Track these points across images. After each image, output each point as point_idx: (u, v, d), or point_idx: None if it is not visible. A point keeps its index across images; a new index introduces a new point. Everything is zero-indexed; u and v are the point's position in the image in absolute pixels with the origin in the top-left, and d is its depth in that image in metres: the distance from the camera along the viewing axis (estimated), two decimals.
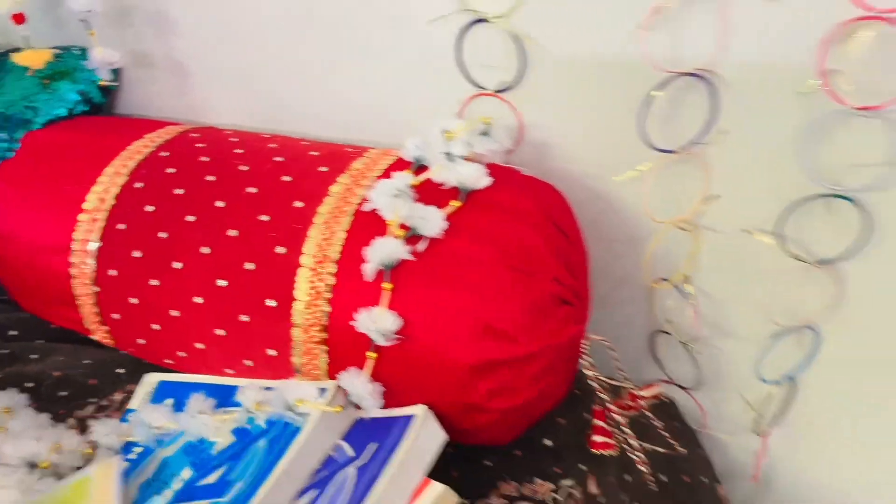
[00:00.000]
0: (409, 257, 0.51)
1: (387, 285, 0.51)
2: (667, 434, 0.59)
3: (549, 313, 0.52)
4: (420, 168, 0.57)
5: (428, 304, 0.51)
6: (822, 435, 0.67)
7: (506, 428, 0.55)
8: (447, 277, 0.51)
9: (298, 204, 0.56)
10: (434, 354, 0.51)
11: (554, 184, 0.61)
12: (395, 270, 0.51)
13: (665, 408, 0.71)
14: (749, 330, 0.63)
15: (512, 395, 0.52)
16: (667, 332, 0.68)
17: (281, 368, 0.56)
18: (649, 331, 0.70)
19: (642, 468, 0.57)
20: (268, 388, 0.55)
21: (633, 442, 0.56)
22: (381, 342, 0.51)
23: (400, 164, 0.58)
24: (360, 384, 0.52)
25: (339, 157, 0.60)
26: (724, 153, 0.57)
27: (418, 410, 0.51)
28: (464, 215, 0.53)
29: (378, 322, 0.50)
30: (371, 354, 0.52)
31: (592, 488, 0.59)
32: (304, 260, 0.54)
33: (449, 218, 0.52)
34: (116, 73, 0.78)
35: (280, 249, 0.55)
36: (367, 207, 0.54)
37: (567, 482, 0.57)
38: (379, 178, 0.57)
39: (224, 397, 0.58)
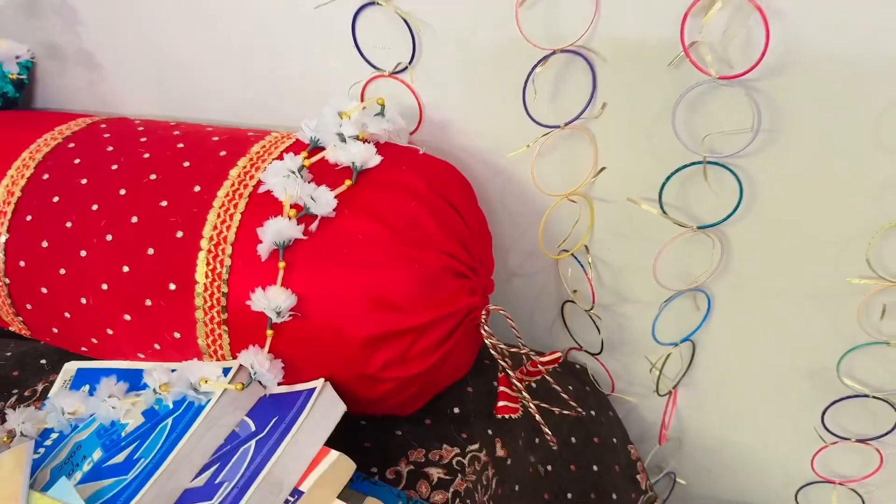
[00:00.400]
0: (302, 236, 0.53)
1: (281, 264, 0.53)
2: (567, 397, 0.62)
3: (440, 285, 0.54)
4: (316, 149, 0.58)
5: (320, 281, 0.52)
6: (722, 392, 0.70)
7: (407, 397, 0.57)
8: (338, 254, 0.53)
9: (197, 188, 0.57)
10: (329, 329, 0.52)
11: (456, 161, 0.63)
12: (289, 249, 0.53)
13: (577, 373, 0.74)
14: (648, 295, 0.66)
15: (407, 365, 0.54)
16: (573, 302, 0.70)
17: (187, 350, 0.57)
18: (560, 300, 0.72)
19: (545, 429, 0.59)
20: (174, 370, 0.56)
21: (532, 405, 0.58)
22: (277, 319, 0.52)
23: (299, 146, 0.60)
24: (259, 361, 0.53)
25: (239, 142, 0.61)
26: (607, 126, 0.59)
27: (318, 384, 0.53)
28: (355, 194, 0.54)
29: (272, 300, 0.52)
30: (269, 332, 0.53)
31: (499, 451, 0.62)
32: (202, 243, 0.55)
33: (340, 197, 0.54)
34: (29, 67, 0.78)
35: (179, 234, 0.56)
36: (261, 189, 0.55)
37: (473, 447, 0.60)
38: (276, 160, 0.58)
39: (136, 381, 0.60)
